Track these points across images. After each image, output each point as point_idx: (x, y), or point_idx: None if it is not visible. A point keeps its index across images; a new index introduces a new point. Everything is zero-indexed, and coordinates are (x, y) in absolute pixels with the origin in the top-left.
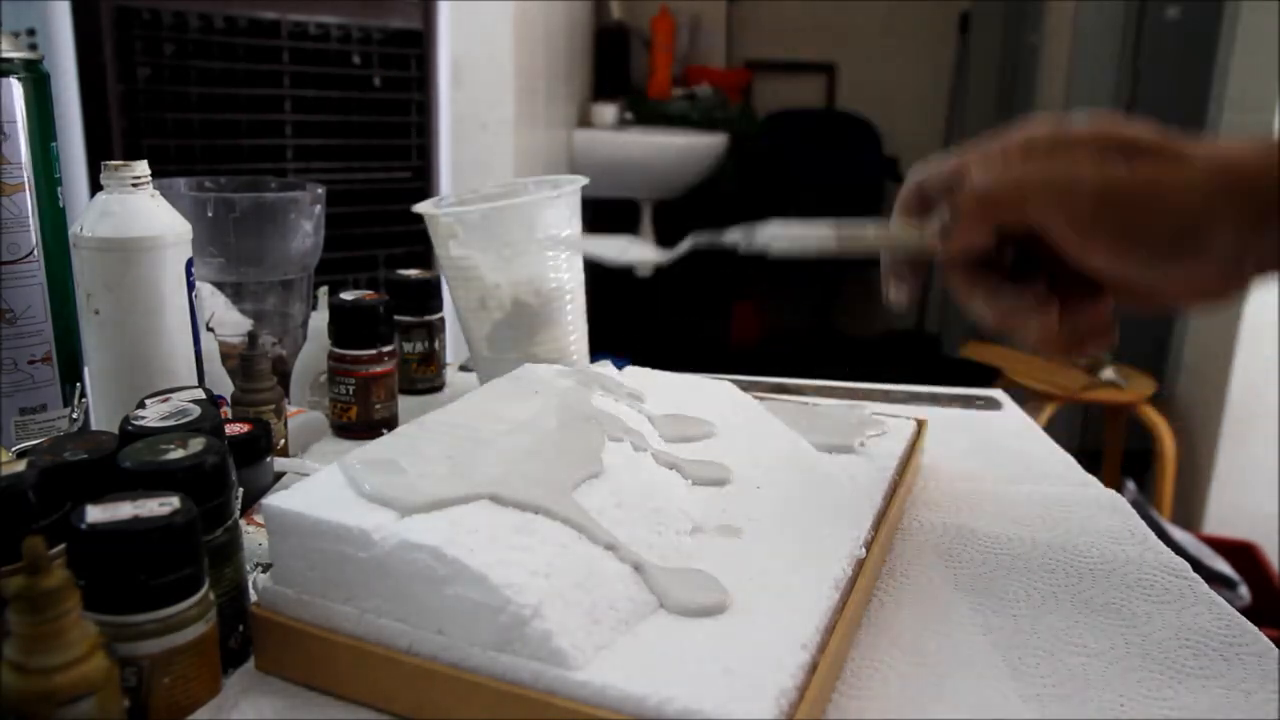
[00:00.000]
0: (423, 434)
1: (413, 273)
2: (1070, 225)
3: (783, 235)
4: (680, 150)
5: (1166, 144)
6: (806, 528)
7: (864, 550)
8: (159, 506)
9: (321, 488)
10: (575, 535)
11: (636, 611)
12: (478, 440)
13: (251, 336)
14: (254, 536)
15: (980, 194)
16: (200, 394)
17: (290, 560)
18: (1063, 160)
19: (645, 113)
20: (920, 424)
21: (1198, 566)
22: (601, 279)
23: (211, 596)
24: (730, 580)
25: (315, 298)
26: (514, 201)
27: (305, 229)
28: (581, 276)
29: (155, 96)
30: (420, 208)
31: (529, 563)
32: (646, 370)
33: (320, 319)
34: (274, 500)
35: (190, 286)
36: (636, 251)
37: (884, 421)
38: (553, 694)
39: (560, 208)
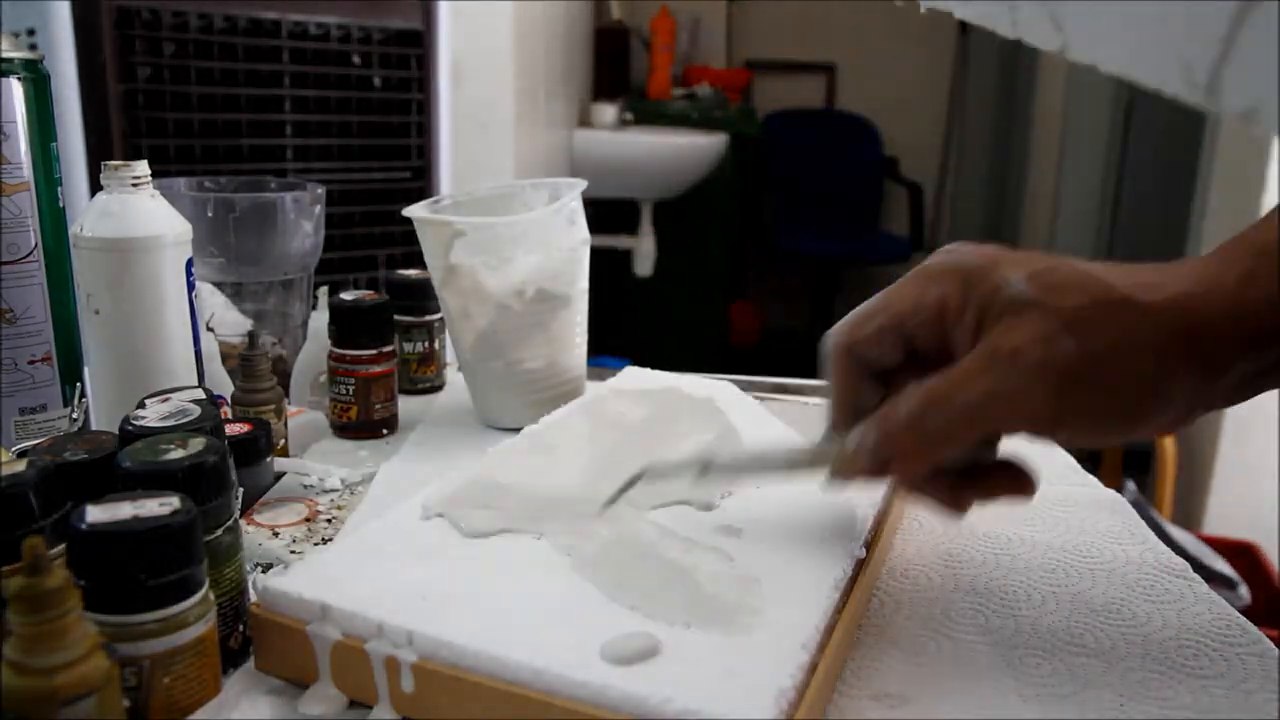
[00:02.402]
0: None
1: (413, 273)
2: (1033, 425)
3: (731, 464)
4: (680, 150)
5: (1114, 296)
6: (806, 528)
7: (864, 550)
8: (159, 506)
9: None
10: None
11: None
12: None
13: (251, 336)
14: (254, 536)
15: (918, 432)
16: (200, 394)
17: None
18: (1004, 361)
19: (645, 113)
20: None
21: (1198, 566)
22: (602, 279)
23: (211, 596)
24: (729, 581)
25: (315, 298)
26: (514, 219)
27: (305, 229)
28: (583, 284)
29: (155, 96)
30: (411, 211)
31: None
32: (646, 370)
33: (320, 319)
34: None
35: (190, 286)
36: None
37: None
38: (553, 694)
39: (559, 220)
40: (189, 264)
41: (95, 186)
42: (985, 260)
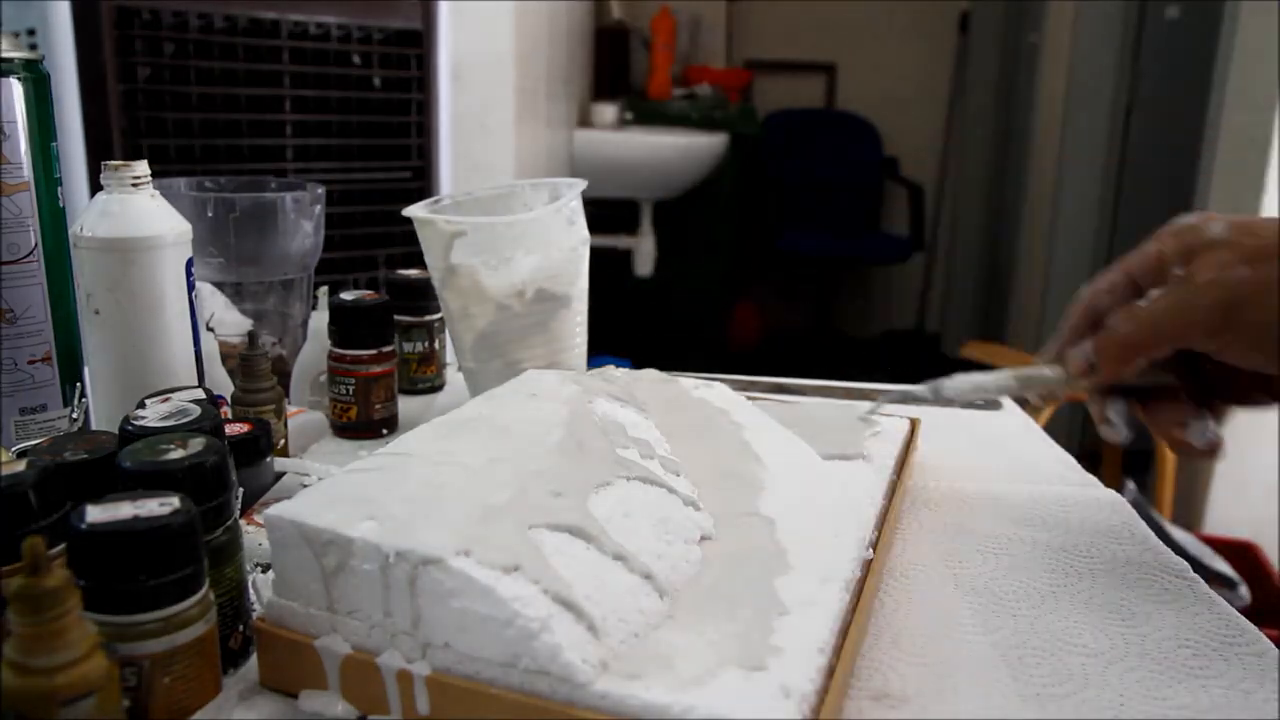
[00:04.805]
0: (427, 442)
1: (413, 273)
2: (1206, 336)
3: (966, 384)
4: (680, 150)
5: None
6: (814, 531)
7: (870, 551)
8: (159, 506)
9: (325, 496)
10: (584, 546)
11: (648, 622)
12: (483, 450)
13: (251, 336)
14: (254, 536)
15: (1121, 339)
16: (200, 394)
17: (294, 572)
18: (1187, 282)
19: (645, 113)
20: (913, 423)
21: (1198, 566)
22: (602, 279)
23: (211, 596)
24: (741, 586)
25: (315, 298)
26: (514, 219)
27: (305, 229)
28: (583, 284)
29: (155, 96)
30: (411, 211)
31: (538, 575)
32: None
33: (320, 319)
34: (277, 510)
35: (190, 286)
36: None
37: (877, 421)
38: (571, 704)
39: (559, 220)
40: (189, 264)
41: (95, 186)
42: (1200, 219)
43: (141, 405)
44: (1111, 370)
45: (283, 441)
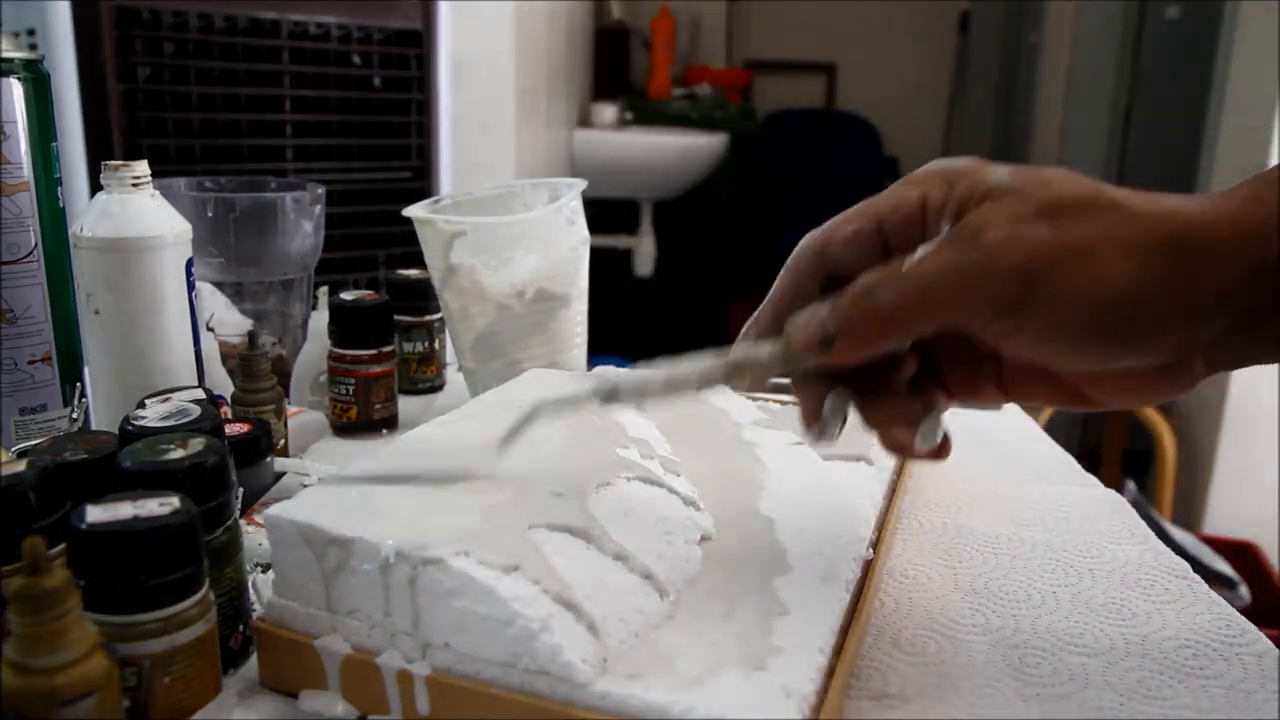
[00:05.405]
0: (429, 442)
1: (413, 273)
2: (993, 312)
3: (652, 380)
4: (680, 150)
5: (1101, 197)
6: (814, 531)
7: (870, 551)
8: (159, 506)
9: (325, 496)
10: (584, 546)
11: (648, 622)
12: (485, 448)
13: (251, 336)
14: (254, 536)
15: (878, 309)
16: (200, 394)
17: (294, 572)
18: (968, 238)
19: (645, 113)
20: None
21: (1198, 566)
22: (602, 279)
23: (211, 596)
24: (741, 586)
25: (315, 298)
26: (514, 219)
27: (305, 229)
28: (583, 284)
29: (155, 96)
30: (411, 211)
31: (538, 575)
32: (616, 369)
33: (320, 319)
34: (277, 510)
35: (190, 286)
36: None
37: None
38: (571, 704)
39: (559, 220)
40: (189, 264)
41: (95, 186)
42: (973, 163)
43: (141, 405)
44: (856, 347)
45: (283, 441)
